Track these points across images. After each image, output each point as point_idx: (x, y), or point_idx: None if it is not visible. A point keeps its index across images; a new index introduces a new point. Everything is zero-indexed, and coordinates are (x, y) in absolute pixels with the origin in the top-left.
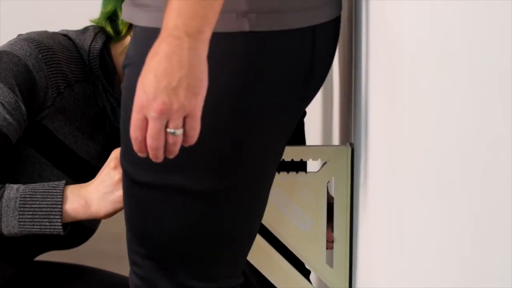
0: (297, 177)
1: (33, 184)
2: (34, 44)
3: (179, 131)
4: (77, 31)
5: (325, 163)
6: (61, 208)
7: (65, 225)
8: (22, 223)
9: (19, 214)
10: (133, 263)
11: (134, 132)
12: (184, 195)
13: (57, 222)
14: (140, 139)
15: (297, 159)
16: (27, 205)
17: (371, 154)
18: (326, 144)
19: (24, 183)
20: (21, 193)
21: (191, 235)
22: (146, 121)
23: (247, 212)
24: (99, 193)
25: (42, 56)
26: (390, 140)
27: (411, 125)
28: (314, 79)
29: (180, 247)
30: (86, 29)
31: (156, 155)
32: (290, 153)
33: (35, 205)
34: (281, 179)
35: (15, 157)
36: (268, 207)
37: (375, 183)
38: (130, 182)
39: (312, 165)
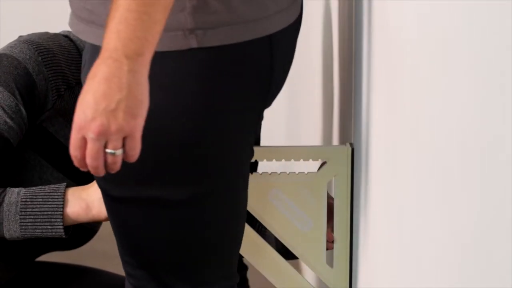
0: (297, 177)
1: (34, 188)
2: (34, 46)
3: (119, 152)
4: None
5: (325, 163)
6: (62, 211)
7: (67, 228)
8: (23, 227)
9: (20, 218)
10: (127, 273)
11: (73, 151)
12: (158, 206)
13: (58, 225)
14: (79, 158)
15: (297, 159)
16: (28, 209)
17: (371, 154)
18: (326, 144)
19: (25, 186)
20: (22, 197)
21: (174, 243)
22: (85, 140)
23: (226, 214)
24: (99, 196)
25: (42, 58)
26: (390, 140)
27: (411, 125)
28: (274, 85)
29: (167, 256)
30: None
31: (97, 172)
32: (290, 153)
33: (36, 209)
34: (281, 180)
35: (16, 160)
36: (268, 208)
37: (375, 183)
38: (106, 197)
39: (312, 165)
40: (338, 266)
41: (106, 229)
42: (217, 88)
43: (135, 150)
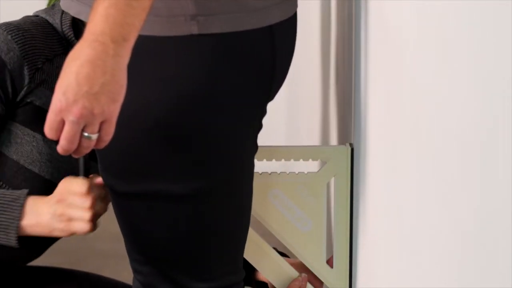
0: (297, 177)
1: None
2: (2, 28)
3: (95, 136)
4: (46, 8)
5: (325, 163)
6: (17, 224)
7: (21, 238)
8: None
9: None
10: (134, 270)
11: (49, 133)
12: (167, 200)
13: (12, 236)
14: (54, 140)
15: (297, 159)
16: None
17: (371, 154)
18: (326, 144)
19: (25, 162)
20: None
21: (182, 238)
22: (62, 123)
23: (233, 208)
24: (47, 218)
25: (11, 36)
26: (389, 140)
27: (411, 125)
28: (276, 78)
29: (174, 250)
30: (54, 5)
31: (65, 154)
32: (290, 153)
33: None
34: (281, 180)
35: (12, 139)
36: (268, 207)
37: (375, 183)
38: (114, 194)
39: (312, 165)
40: (338, 266)
41: (106, 229)
42: (219, 78)
43: (110, 135)
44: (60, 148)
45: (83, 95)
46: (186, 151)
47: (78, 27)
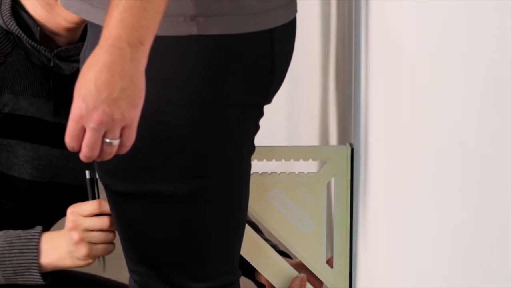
0: (297, 177)
1: (12, 235)
2: None
3: (116, 142)
4: None
5: (325, 163)
6: (38, 263)
7: (46, 275)
8: (6, 277)
9: (1, 270)
10: (130, 270)
11: (70, 141)
12: (162, 200)
13: (37, 276)
14: (76, 148)
15: (296, 159)
16: (7, 261)
17: (371, 154)
18: (326, 144)
19: (4, 169)
20: (0, 248)
21: (177, 237)
22: (83, 130)
23: (228, 207)
24: (67, 250)
25: None
26: (389, 140)
27: (411, 125)
28: (274, 81)
29: (170, 250)
30: None
31: (88, 161)
32: (290, 153)
33: (14, 261)
34: (281, 180)
35: None
36: (267, 208)
37: (375, 183)
38: (110, 194)
39: (312, 165)
40: (338, 266)
41: None
42: (217, 79)
43: (132, 140)
44: (82, 156)
45: (102, 101)
46: (182, 151)
47: (19, 14)
